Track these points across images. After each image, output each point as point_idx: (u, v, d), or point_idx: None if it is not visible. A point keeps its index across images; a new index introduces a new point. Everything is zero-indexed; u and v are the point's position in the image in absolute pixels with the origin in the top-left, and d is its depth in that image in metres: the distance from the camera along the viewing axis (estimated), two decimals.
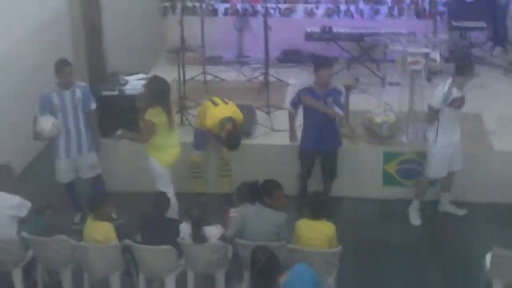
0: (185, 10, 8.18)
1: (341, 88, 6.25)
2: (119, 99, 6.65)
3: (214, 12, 8.72)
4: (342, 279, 5.17)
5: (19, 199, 5.23)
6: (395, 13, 8.57)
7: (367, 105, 7.03)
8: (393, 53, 6.95)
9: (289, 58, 8.66)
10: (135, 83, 6.82)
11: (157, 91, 5.69)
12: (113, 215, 5.63)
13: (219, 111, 6.14)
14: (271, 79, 7.70)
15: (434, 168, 6.08)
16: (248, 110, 6.98)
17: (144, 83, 6.47)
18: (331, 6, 8.66)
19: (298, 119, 6.39)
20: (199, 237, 5.05)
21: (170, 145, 5.83)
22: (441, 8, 8.47)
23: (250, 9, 8.68)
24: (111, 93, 6.75)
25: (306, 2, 8.72)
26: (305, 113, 6.21)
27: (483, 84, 7.59)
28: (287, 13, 8.71)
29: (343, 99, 6.21)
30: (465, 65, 5.95)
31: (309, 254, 4.87)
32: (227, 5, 8.75)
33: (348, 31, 8.36)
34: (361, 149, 6.63)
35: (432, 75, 7.23)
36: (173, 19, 8.30)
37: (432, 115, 5.93)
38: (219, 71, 8.27)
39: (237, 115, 6.23)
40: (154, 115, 5.63)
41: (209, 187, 6.62)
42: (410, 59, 6.43)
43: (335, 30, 8.38)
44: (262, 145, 6.74)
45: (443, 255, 5.87)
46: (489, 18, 8.46)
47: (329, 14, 8.66)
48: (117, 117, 6.32)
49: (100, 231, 5.13)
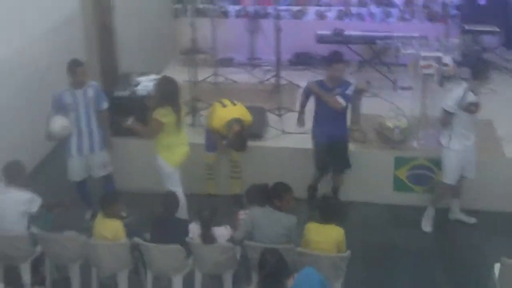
0: (196, 12, 8.20)
1: (352, 82, 6.16)
2: (130, 100, 6.67)
3: (225, 14, 8.74)
4: (350, 284, 5.15)
5: (30, 195, 5.30)
6: (407, 16, 8.54)
7: (379, 109, 7.00)
8: (405, 57, 6.90)
9: (301, 60, 8.66)
10: (147, 84, 6.85)
11: (166, 91, 5.72)
12: (123, 214, 5.64)
13: (226, 113, 6.15)
14: (282, 82, 7.70)
15: (449, 173, 6.00)
16: (259, 112, 6.98)
17: (154, 83, 6.51)
18: (342, 8, 8.63)
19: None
20: (208, 238, 5.06)
21: (178, 144, 5.85)
22: (453, 11, 8.42)
23: (261, 11, 8.69)
24: (122, 94, 6.80)
25: (317, 4, 8.69)
26: (315, 105, 6.14)
27: (495, 89, 7.53)
28: (299, 16, 8.70)
29: (350, 91, 6.04)
30: (480, 69, 5.87)
31: (317, 258, 4.86)
32: (238, 7, 8.77)
33: (359, 34, 8.34)
34: (372, 153, 6.59)
35: (444, 79, 7.18)
36: (184, 20, 8.31)
37: (446, 119, 5.84)
38: (231, 73, 8.28)
39: (246, 116, 6.22)
40: (163, 114, 5.65)
41: (220, 188, 6.64)
42: (422, 63, 6.40)
43: (346, 33, 8.37)
44: (273, 147, 6.73)
45: (452, 263, 5.83)
46: (502, 22, 8.40)
47: (340, 16, 8.62)
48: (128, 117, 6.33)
49: (109, 229, 5.17)
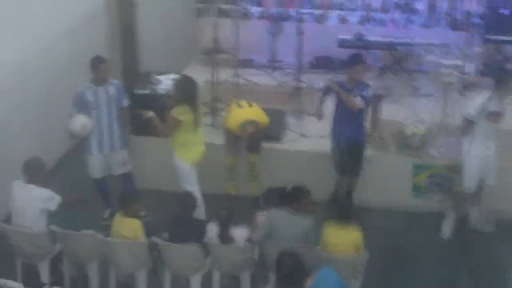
0: (219, 12, 8.23)
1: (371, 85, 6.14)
2: (150, 98, 6.70)
3: (247, 15, 8.76)
4: (367, 287, 5.14)
5: (50, 192, 5.26)
6: (429, 23, 8.50)
7: (399, 115, 6.98)
8: (427, 64, 6.89)
9: (321, 64, 8.63)
10: (167, 83, 6.88)
11: (185, 90, 5.74)
12: (142, 213, 5.67)
13: (242, 113, 6.17)
14: (302, 85, 7.70)
15: (468, 179, 6.00)
16: (277, 114, 6.99)
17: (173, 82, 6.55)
18: (364, 13, 8.62)
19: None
20: (226, 238, 5.08)
21: (195, 143, 5.86)
22: (476, 20, 8.38)
23: (283, 14, 8.70)
24: (143, 92, 6.84)
25: (340, 9, 8.68)
26: (335, 106, 6.12)
27: None
28: (321, 19, 8.69)
29: (369, 93, 6.04)
30: (503, 78, 5.86)
31: (335, 259, 4.87)
32: (261, 9, 8.77)
33: (381, 39, 8.32)
34: (391, 159, 6.58)
35: (465, 88, 7.15)
36: (207, 20, 8.33)
37: (466, 128, 5.84)
38: (251, 75, 8.27)
39: (261, 118, 6.23)
40: (180, 113, 5.67)
41: (240, 189, 6.65)
42: (444, 70, 6.38)
43: (368, 38, 8.36)
44: (290, 150, 6.73)
45: (470, 270, 5.81)
46: None
47: (362, 21, 8.61)
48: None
49: (128, 228, 5.17)
